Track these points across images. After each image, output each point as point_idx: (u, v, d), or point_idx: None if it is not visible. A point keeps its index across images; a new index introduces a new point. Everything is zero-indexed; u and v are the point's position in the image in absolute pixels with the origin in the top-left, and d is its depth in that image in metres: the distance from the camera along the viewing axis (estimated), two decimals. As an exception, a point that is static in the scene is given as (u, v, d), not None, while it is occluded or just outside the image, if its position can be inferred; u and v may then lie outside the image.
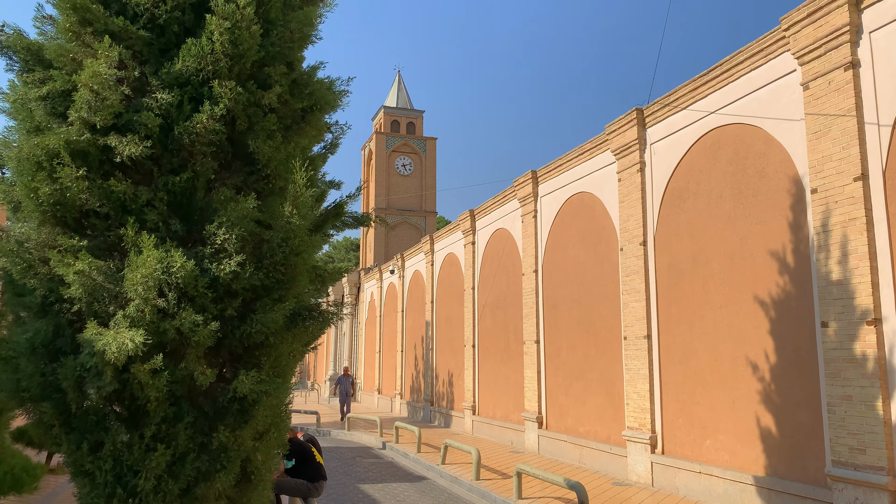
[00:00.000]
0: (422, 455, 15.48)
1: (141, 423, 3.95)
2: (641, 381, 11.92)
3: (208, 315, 4.02)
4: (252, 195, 4.08)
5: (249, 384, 3.99)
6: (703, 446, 10.51)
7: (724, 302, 10.27)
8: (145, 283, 3.71)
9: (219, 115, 4.16)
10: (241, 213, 4.03)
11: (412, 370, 26.54)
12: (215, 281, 4.05)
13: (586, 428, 13.83)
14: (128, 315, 3.73)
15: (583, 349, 14.08)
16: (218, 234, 4.04)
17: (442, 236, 23.47)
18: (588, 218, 14.17)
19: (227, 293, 4.15)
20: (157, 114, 4.18)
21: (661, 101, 11.83)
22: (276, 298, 4.30)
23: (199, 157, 4.26)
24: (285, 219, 4.16)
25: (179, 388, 4.04)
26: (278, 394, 4.16)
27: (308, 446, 8.16)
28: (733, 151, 10.28)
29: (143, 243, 3.71)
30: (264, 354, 4.31)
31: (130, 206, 4.11)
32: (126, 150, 3.95)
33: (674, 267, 11.45)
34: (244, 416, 4.10)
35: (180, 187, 4.21)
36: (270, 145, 4.38)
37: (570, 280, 14.77)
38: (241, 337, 4.16)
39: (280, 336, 4.32)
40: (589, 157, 14.11)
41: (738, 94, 10.22)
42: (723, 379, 10.22)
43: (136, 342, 3.48)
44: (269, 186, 4.55)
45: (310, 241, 4.33)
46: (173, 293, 3.93)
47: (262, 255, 4.21)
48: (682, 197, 11.35)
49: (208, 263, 4.05)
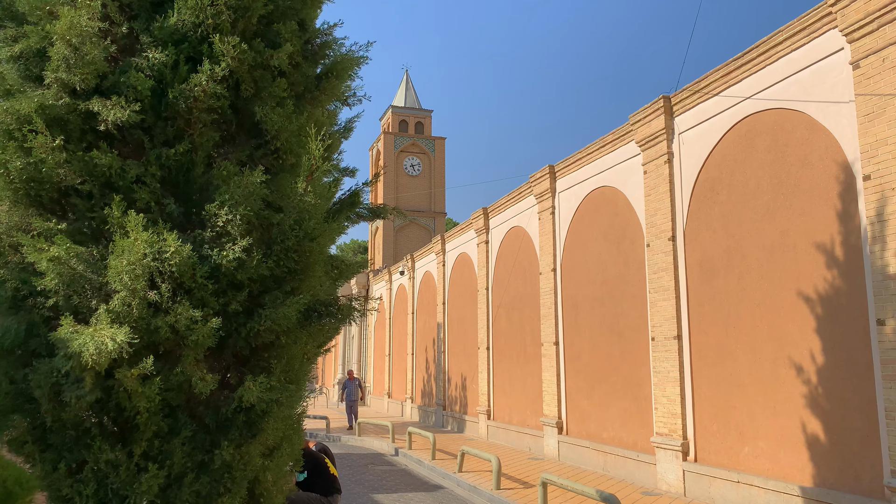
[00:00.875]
0: (437, 462, 14.84)
1: (129, 438, 3.33)
2: (671, 384, 11.24)
3: (209, 310, 3.41)
4: (260, 169, 3.46)
5: (257, 392, 3.37)
6: (741, 454, 9.83)
7: (763, 299, 9.59)
8: (132, 272, 3.10)
9: (220, 75, 3.56)
10: (246, 189, 3.42)
11: (423, 373, 25.90)
12: (217, 270, 3.43)
13: (610, 434, 13.15)
14: (111, 310, 3.12)
15: (606, 351, 13.41)
16: (219, 214, 3.43)
17: (454, 236, 22.84)
18: (610, 213, 13.51)
19: (230, 284, 3.53)
20: (149, 75, 3.57)
21: (690, 88, 11.17)
22: (287, 291, 3.68)
23: (197, 127, 3.65)
24: (298, 197, 3.55)
25: (175, 397, 3.43)
26: (291, 402, 3.54)
27: (321, 457, 7.53)
28: (772, 139, 9.61)
29: (129, 224, 3.10)
30: (275, 356, 3.69)
31: (117, 183, 3.50)
32: (111, 114, 3.34)
33: (706, 263, 10.78)
34: (251, 429, 3.48)
35: (176, 161, 3.60)
36: (280, 114, 3.77)
37: (591, 279, 14.11)
38: (248, 336, 3.54)
39: (293, 335, 3.70)
40: (611, 149, 13.46)
41: (776, 77, 9.56)
42: (762, 382, 9.54)
43: (119, 341, 2.87)
44: (278, 162, 3.93)
45: (327, 225, 3.71)
46: (167, 284, 3.32)
47: (272, 239, 3.59)
48: (715, 189, 10.68)
49: (208, 249, 3.43)
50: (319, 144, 3.48)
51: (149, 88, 3.53)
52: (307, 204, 3.56)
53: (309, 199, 3.57)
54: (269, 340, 3.63)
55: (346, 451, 18.04)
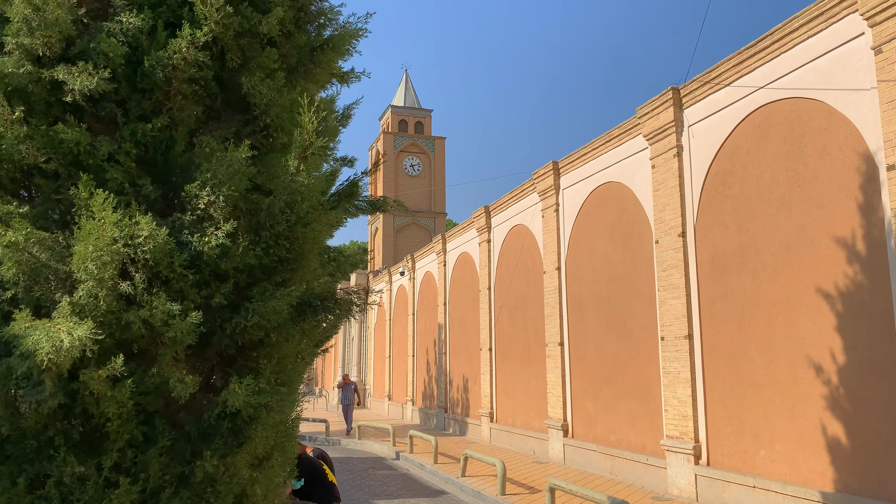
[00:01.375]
0: (439, 466, 14.44)
1: (98, 448, 2.95)
2: (682, 385, 10.85)
3: (189, 303, 3.02)
4: (246, 144, 3.08)
5: (244, 395, 2.98)
6: (757, 457, 9.44)
7: (780, 297, 9.21)
8: (98, 259, 2.71)
9: (202, 41, 3.17)
10: (230, 167, 3.03)
11: (424, 375, 25.50)
12: (197, 258, 3.05)
13: (618, 436, 12.76)
14: (75, 302, 2.73)
15: (613, 351, 13.02)
16: (200, 195, 3.05)
17: (455, 235, 22.45)
18: (617, 210, 13.13)
19: (213, 275, 3.15)
20: (122, 41, 3.19)
21: (700, 79, 10.80)
22: (278, 282, 3.29)
23: (177, 100, 3.27)
24: (289, 177, 3.16)
25: (151, 402, 3.04)
26: (282, 407, 3.15)
27: (319, 464, 7.13)
28: (787, 129, 9.24)
29: (95, 204, 2.71)
30: (264, 356, 3.30)
31: (86, 162, 3.12)
32: (77, 82, 2.96)
33: (718, 259, 10.40)
34: (237, 437, 3.09)
35: (153, 138, 3.22)
36: (270, 86, 3.39)
37: (597, 277, 13.73)
38: (234, 333, 3.16)
39: (284, 332, 3.32)
40: (617, 143, 13.08)
41: (792, 65, 9.19)
42: (779, 382, 9.15)
43: (78, 337, 2.48)
44: (268, 141, 3.55)
45: (322, 210, 3.33)
46: (141, 273, 2.94)
47: (260, 224, 3.21)
48: (727, 182, 10.30)
49: (188, 235, 3.05)
50: (313, 117, 3.09)
51: (122, 56, 3.14)
52: (299, 184, 3.18)
53: (302, 179, 3.19)
54: (257, 338, 3.25)
55: (345, 455, 17.64)
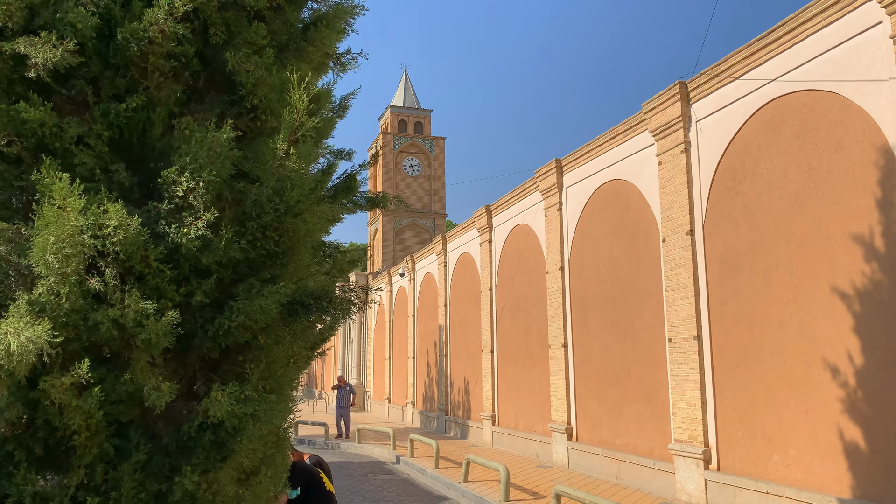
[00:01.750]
0: (440, 471, 14.12)
1: (64, 464, 2.64)
2: (691, 387, 10.54)
3: (166, 302, 2.71)
4: (229, 123, 2.77)
5: (227, 404, 2.67)
6: (770, 462, 9.13)
7: (793, 296, 8.90)
8: (60, 251, 2.41)
9: (181, 11, 2.87)
10: (212, 149, 2.73)
11: (424, 377, 25.18)
12: (175, 251, 2.74)
13: (624, 440, 12.44)
14: (34, 300, 2.42)
15: (618, 353, 12.71)
16: (178, 182, 2.73)
17: (455, 235, 22.14)
18: (622, 208, 12.82)
19: (194, 270, 2.84)
20: (93, 11, 2.89)
21: (708, 72, 10.50)
22: (266, 279, 2.98)
23: (154, 78, 2.96)
24: (277, 161, 2.86)
25: (125, 412, 2.73)
26: (271, 417, 2.83)
27: (316, 472, 6.81)
28: (800, 123, 8.93)
29: (56, 189, 2.40)
30: (251, 360, 2.99)
31: (52, 145, 2.81)
32: (40, 55, 2.66)
33: (728, 258, 10.09)
34: (221, 450, 2.78)
35: (128, 119, 2.91)
36: (258, 63, 3.08)
37: (601, 277, 13.42)
38: (217, 335, 2.85)
39: (273, 333, 3.01)
40: (622, 140, 12.78)
41: (805, 56, 8.89)
42: (793, 384, 8.84)
43: (29, 339, 2.18)
44: (255, 125, 3.24)
45: (315, 199, 3.01)
46: (112, 269, 2.63)
47: (245, 214, 2.90)
48: (737, 178, 10.00)
49: (165, 226, 2.74)
50: (303, 94, 2.78)
51: (92, 28, 2.84)
52: (289, 170, 2.87)
53: (291, 164, 2.88)
54: (243, 340, 2.94)
55: (344, 460, 17.32)
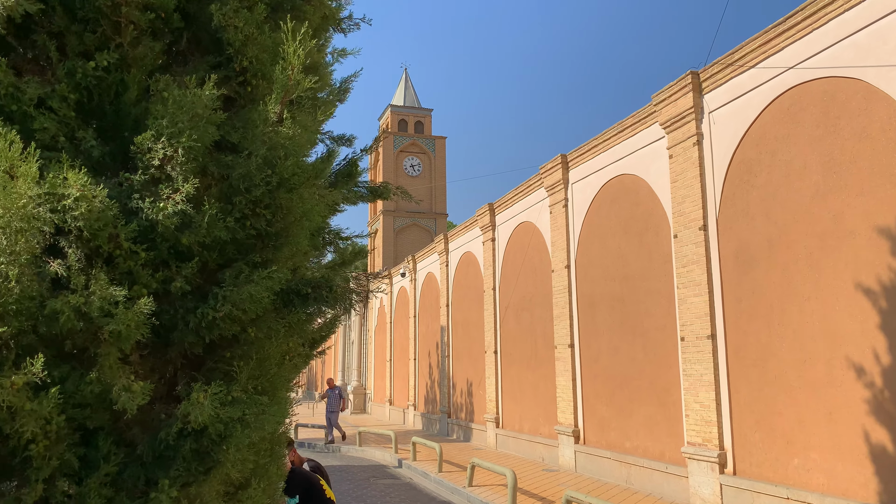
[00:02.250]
0: (444, 475, 13.73)
1: (19, 477, 2.26)
2: (705, 388, 10.15)
3: (140, 288, 2.34)
4: (213, 80, 2.39)
5: (211, 407, 2.29)
6: (790, 466, 8.74)
7: (814, 292, 8.52)
8: (8, 226, 2.03)
9: (158, -46, 2.49)
10: (192, 110, 2.35)
11: (426, 379, 24.79)
12: (151, 230, 2.37)
13: (634, 443, 12.05)
14: (-22, 284, 2.04)
15: (627, 353, 12.32)
16: (154, 149, 2.36)
17: (457, 234, 21.76)
18: (631, 203, 12.45)
19: (173, 252, 2.46)
20: (56, -44, 2.51)
21: (722, 62, 10.13)
22: (256, 263, 2.60)
23: (129, 33, 2.58)
24: (269, 127, 2.48)
25: (93, 416, 2.36)
26: (262, 422, 2.45)
27: (315, 478, 6.43)
28: (821, 111, 8.56)
29: (1, 152, 2.02)
30: (239, 356, 2.61)
31: (8, 108, 2.44)
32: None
33: (743, 253, 9.71)
34: (204, 461, 2.40)
35: (98, 80, 2.53)
36: (247, 19, 2.70)
37: (609, 275, 13.04)
38: (200, 327, 2.47)
39: (265, 326, 2.64)
40: (631, 133, 12.40)
41: (825, 42, 8.52)
42: (814, 385, 8.46)
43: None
44: (245, 90, 2.86)
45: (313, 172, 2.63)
46: (75, 249, 2.25)
47: (233, 188, 2.52)
48: (753, 171, 9.62)
49: (138, 200, 2.36)
50: (299, 48, 2.40)
51: (56, -26, 2.46)
52: (282, 137, 2.49)
53: (286, 130, 2.50)
54: (230, 334, 2.56)
55: (345, 464, 16.92)
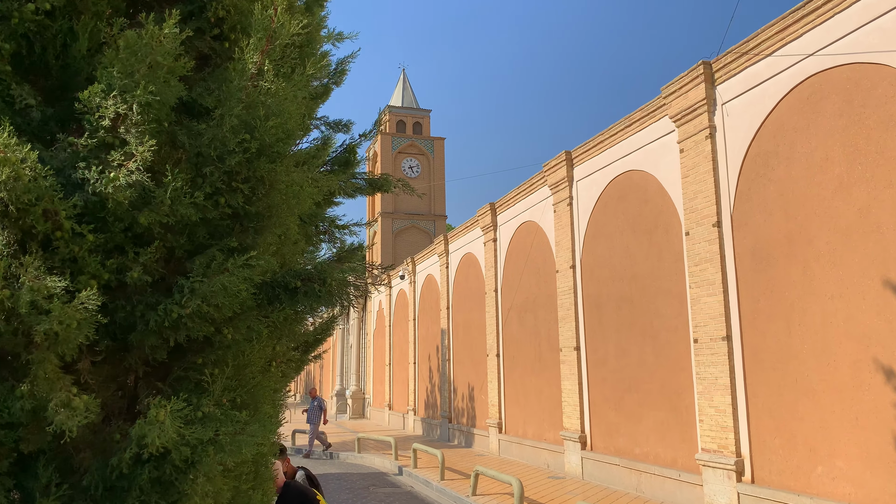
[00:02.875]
0: (446, 483, 13.25)
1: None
2: (720, 392, 9.69)
3: (87, 279, 1.88)
4: (173, 16, 1.94)
5: (173, 427, 1.83)
6: (813, 474, 8.28)
7: (838, 290, 8.07)
8: None
9: None
10: (148, 53, 1.89)
11: (426, 383, 24.30)
12: (100, 206, 1.92)
13: (644, 449, 11.59)
14: None
15: (637, 356, 11.86)
16: (105, 106, 1.90)
17: (458, 235, 21.31)
18: (639, 200, 12.00)
19: (129, 235, 2.01)
20: None
21: (735, 50, 9.69)
22: (232, 249, 2.15)
23: (77, -28, 2.13)
24: (248, 79, 2.03)
25: (27, 439, 1.89)
26: (241, 444, 1.99)
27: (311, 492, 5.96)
28: (844, 100, 8.13)
29: None
30: (213, 362, 2.15)
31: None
32: None
33: (760, 251, 9.26)
34: (167, 493, 1.94)
35: (38, 27, 2.08)
36: (223, -41, 2.25)
37: (617, 275, 12.58)
38: (161, 326, 2.01)
39: (243, 326, 2.18)
40: (639, 127, 11.96)
41: (848, 27, 8.09)
42: (839, 388, 8.01)
43: None
44: (221, 46, 2.41)
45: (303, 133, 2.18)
46: (5, 230, 1.79)
47: (203, 156, 2.06)
48: (770, 164, 9.18)
49: (84, 170, 1.90)
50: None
51: None
52: (262, 93, 2.03)
53: (267, 84, 2.04)
54: (201, 335, 2.10)
55: (344, 471, 16.44)
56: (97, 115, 1.92)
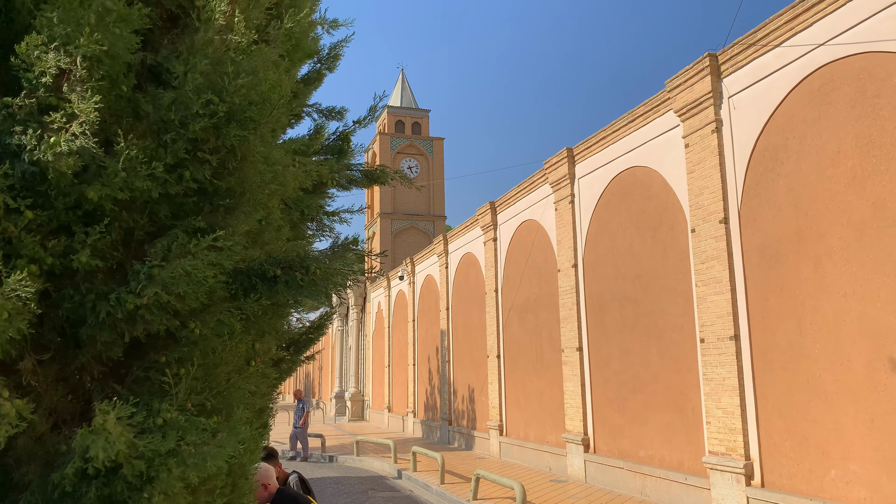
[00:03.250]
0: (446, 487, 12.96)
1: None
2: (728, 393, 9.41)
3: (24, 262, 1.60)
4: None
5: (123, 436, 1.55)
6: (826, 478, 8.00)
7: (851, 287, 7.80)
8: None
9: None
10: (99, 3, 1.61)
11: (426, 385, 24.01)
12: (40, 179, 1.63)
13: (649, 452, 11.30)
14: None
15: (641, 356, 11.58)
16: (45, 60, 1.62)
17: (457, 235, 21.03)
18: (643, 197, 11.73)
19: (76, 213, 1.72)
20: None
21: (743, 41, 9.42)
22: (199, 229, 1.86)
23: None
24: (214, 31, 1.75)
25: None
26: (205, 456, 1.71)
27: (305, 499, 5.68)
28: (857, 90, 7.86)
29: None
30: (178, 361, 1.87)
31: None
32: None
33: (769, 247, 8.99)
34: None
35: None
36: None
37: (620, 273, 12.31)
38: (117, 319, 1.73)
39: (212, 319, 1.89)
40: (642, 123, 11.69)
41: (861, 14, 7.82)
42: (853, 388, 7.73)
43: None
44: (191, 3, 2.12)
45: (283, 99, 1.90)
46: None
47: (163, 121, 1.78)
48: (779, 158, 8.91)
49: (20, 135, 1.62)
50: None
51: None
52: (233, 48, 1.75)
53: (237, 38, 1.77)
54: (163, 329, 1.82)
55: (342, 475, 16.14)
56: (37, 72, 1.65)
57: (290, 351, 4.34)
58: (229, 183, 1.89)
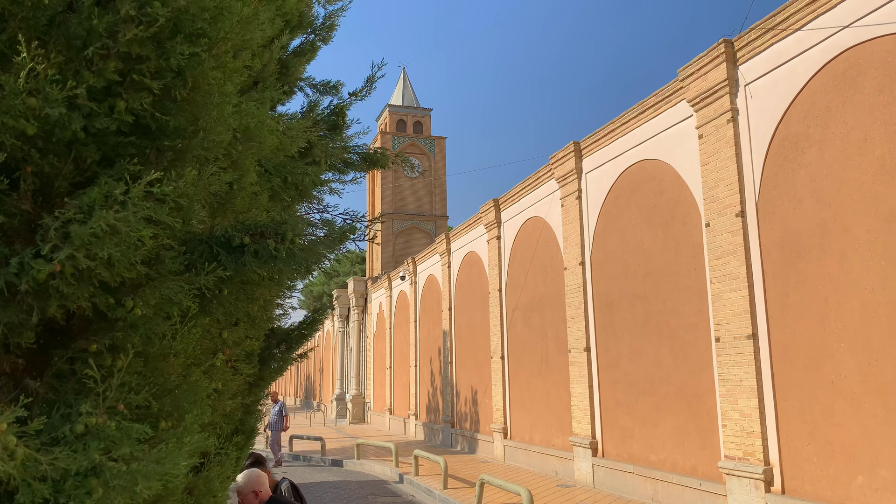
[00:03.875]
0: (450, 492, 12.51)
1: None
2: (745, 394, 8.96)
3: None
4: None
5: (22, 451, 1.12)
6: (853, 485, 7.54)
7: (879, 282, 7.35)
8: None
9: None
10: None
11: (428, 387, 23.56)
12: None
13: (660, 456, 10.85)
14: None
15: (652, 356, 11.13)
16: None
17: (460, 233, 20.59)
18: (654, 191, 11.28)
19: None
20: None
21: (760, 26, 8.99)
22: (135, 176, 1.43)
23: None
24: None
25: None
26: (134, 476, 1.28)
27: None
28: (885, 73, 7.42)
29: None
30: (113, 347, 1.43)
31: None
32: None
33: (790, 241, 8.54)
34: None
35: None
36: None
37: (629, 271, 11.86)
38: (24, 294, 1.29)
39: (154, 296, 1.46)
40: (653, 114, 11.25)
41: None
42: (882, 390, 7.28)
43: None
44: None
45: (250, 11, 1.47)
46: None
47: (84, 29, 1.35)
48: (800, 147, 8.47)
49: None
50: None
51: None
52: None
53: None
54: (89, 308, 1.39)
55: (342, 479, 15.69)
56: None
57: (280, 348, 3.90)
58: (177, 120, 1.46)
